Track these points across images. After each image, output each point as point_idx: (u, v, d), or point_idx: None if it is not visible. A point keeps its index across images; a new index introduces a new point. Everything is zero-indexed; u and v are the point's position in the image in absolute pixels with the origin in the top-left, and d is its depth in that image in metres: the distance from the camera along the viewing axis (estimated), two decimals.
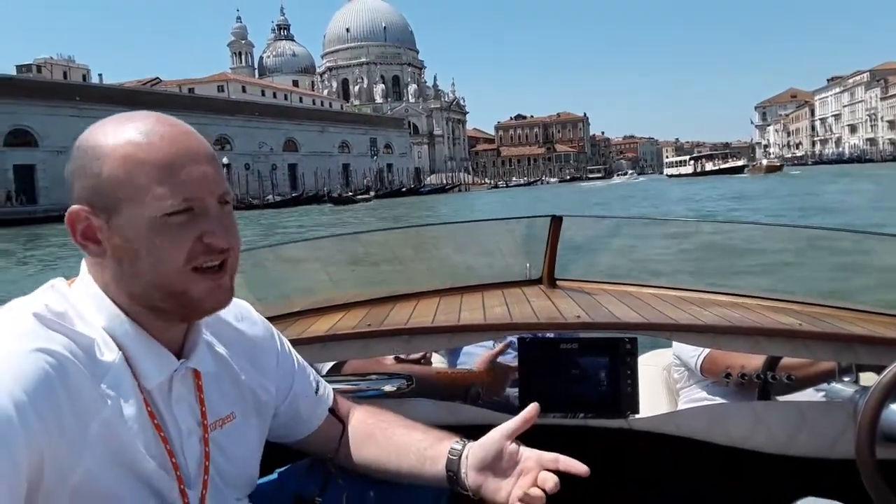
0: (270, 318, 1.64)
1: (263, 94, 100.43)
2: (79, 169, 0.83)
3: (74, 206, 0.83)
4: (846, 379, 1.62)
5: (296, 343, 1.53)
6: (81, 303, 0.86)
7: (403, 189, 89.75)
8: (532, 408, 1.07)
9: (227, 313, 1.03)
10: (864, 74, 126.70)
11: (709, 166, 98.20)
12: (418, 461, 1.11)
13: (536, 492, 0.99)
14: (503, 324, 1.81)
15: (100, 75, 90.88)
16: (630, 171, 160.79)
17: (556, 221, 2.27)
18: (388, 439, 1.16)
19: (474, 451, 1.06)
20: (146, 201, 0.81)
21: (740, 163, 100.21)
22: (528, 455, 1.04)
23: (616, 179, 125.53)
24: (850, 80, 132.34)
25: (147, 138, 0.82)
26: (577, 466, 1.02)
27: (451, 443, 1.10)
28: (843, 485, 1.30)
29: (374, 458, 1.15)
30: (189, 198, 0.82)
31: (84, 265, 0.89)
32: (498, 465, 1.04)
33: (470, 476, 1.05)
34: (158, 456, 0.87)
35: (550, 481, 1.00)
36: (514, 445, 1.05)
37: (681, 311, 1.86)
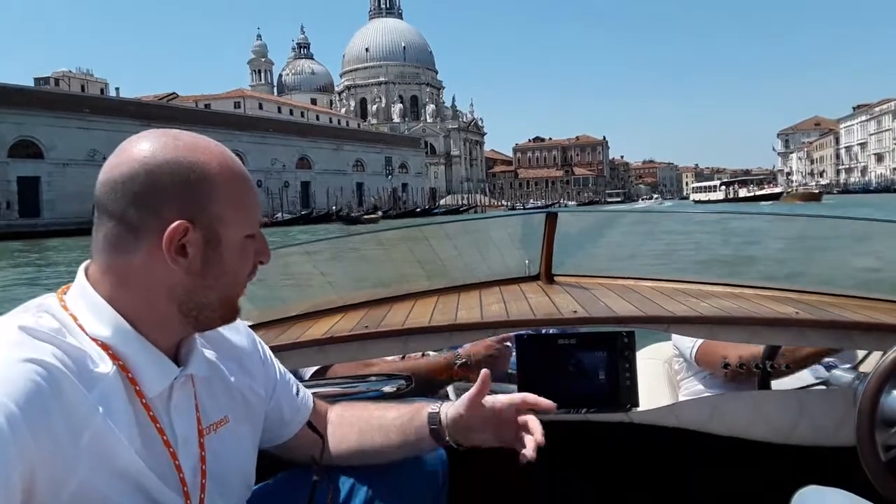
0: (267, 323, 1.89)
1: (280, 112, 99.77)
2: (176, 183, 0.85)
3: (178, 221, 0.85)
4: (845, 366, 1.64)
5: (292, 347, 1.65)
6: (79, 313, 0.86)
7: (417, 210, 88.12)
8: (484, 374, 1.13)
9: None
10: (892, 103, 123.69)
11: (743, 192, 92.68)
12: (401, 434, 1.18)
13: (534, 422, 1.11)
14: (500, 321, 1.82)
15: (117, 89, 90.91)
16: (655, 196, 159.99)
17: (552, 217, 2.30)
18: (368, 422, 1.21)
19: (450, 414, 1.16)
20: (244, 223, 0.90)
21: (778, 189, 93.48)
22: (499, 400, 1.14)
23: (640, 204, 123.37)
24: (878, 109, 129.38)
25: (241, 167, 0.91)
26: (544, 402, 1.12)
27: (428, 409, 1.18)
28: (845, 472, 1.31)
29: (359, 443, 1.20)
30: (258, 222, 0.94)
31: (82, 276, 0.89)
32: (474, 418, 1.14)
33: (451, 431, 1.15)
34: (162, 464, 0.88)
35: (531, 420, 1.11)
36: (486, 399, 1.13)
37: (678, 303, 1.86)
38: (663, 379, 2.25)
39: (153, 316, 0.89)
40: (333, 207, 69.96)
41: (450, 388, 2.10)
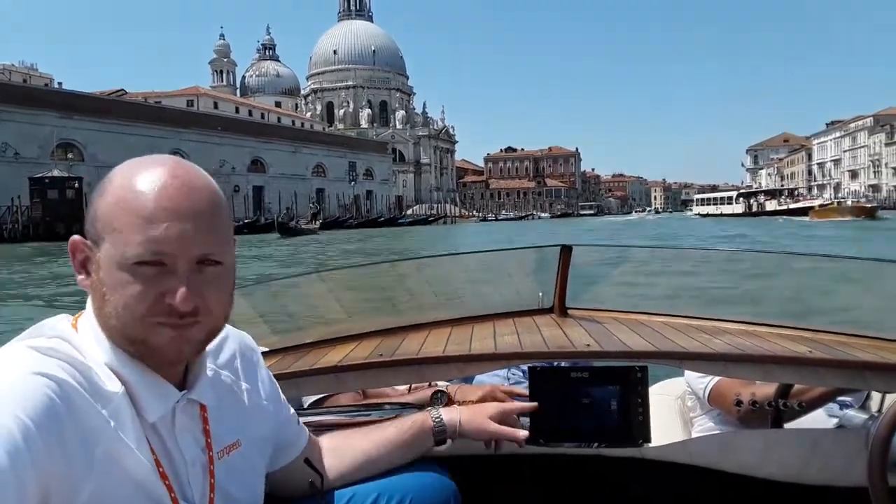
0: (284, 350, 1.96)
1: (238, 112, 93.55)
2: (91, 203, 0.87)
3: (76, 236, 0.87)
4: (858, 406, 1.68)
5: (309, 374, 1.69)
6: (84, 337, 0.88)
7: (380, 219, 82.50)
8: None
9: (232, 341, 1.09)
10: (868, 119, 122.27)
11: (771, 205, 77.31)
12: (406, 447, 1.27)
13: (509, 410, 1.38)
14: (514, 353, 1.84)
15: (59, 83, 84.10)
16: (648, 209, 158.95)
17: (566, 251, 2.33)
18: (371, 446, 1.27)
19: (462, 421, 1.34)
20: (120, 245, 0.83)
21: (816, 202, 73.19)
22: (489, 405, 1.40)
23: (633, 216, 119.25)
24: (853, 125, 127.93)
25: (144, 186, 0.84)
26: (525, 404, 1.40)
27: (430, 417, 1.32)
28: None
29: (362, 459, 1.25)
30: (159, 251, 0.83)
31: (89, 301, 0.90)
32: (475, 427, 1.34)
33: (451, 433, 1.32)
34: (159, 488, 0.88)
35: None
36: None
37: (691, 339, 1.86)
38: (675, 415, 2.23)
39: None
40: (282, 214, 63.33)
41: None
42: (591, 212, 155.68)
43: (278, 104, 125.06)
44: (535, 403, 1.47)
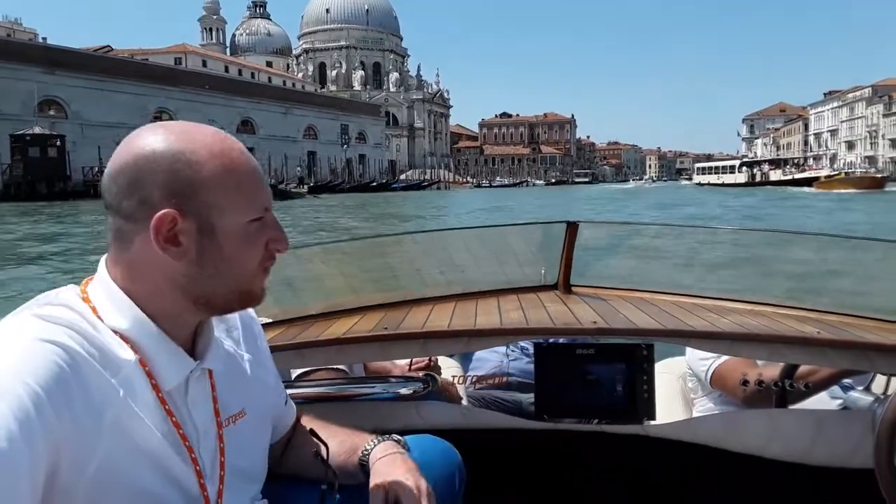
0: (286, 321, 1.96)
1: (227, 72, 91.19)
2: (160, 172, 0.85)
3: (164, 210, 0.85)
4: (863, 388, 1.65)
5: (313, 345, 1.70)
6: (99, 305, 0.88)
7: (373, 183, 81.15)
8: None
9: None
10: (866, 90, 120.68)
11: (776, 175, 73.85)
12: (339, 466, 1.16)
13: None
14: (519, 328, 1.84)
15: (44, 39, 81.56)
16: (645, 177, 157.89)
17: (573, 227, 2.29)
18: (324, 433, 1.19)
19: (375, 467, 1.12)
20: (241, 209, 0.88)
21: (823, 172, 70.43)
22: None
23: (630, 184, 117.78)
24: (850, 95, 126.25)
25: (236, 152, 0.90)
26: None
27: (361, 451, 1.15)
28: (861, 495, 1.34)
29: (305, 468, 1.19)
30: (264, 207, 0.91)
31: (102, 268, 0.91)
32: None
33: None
34: (179, 454, 0.89)
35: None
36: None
37: (698, 318, 1.86)
38: (677, 394, 2.21)
39: (164, 306, 0.90)
40: (270, 177, 61.85)
41: (462, 393, 2.14)
42: (586, 179, 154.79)
43: (269, 64, 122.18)
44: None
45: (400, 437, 1.18)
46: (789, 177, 71.68)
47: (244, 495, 1.02)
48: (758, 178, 77.13)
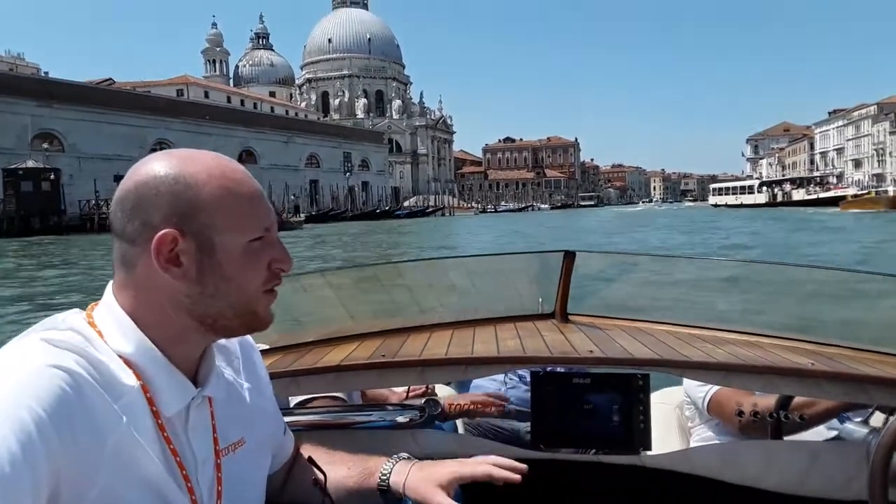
0: (283, 348, 1.96)
1: (229, 102, 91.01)
2: (162, 195, 0.87)
3: (164, 230, 0.86)
4: (858, 419, 1.66)
5: (310, 372, 1.71)
6: (105, 329, 0.89)
7: (377, 211, 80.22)
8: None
9: (233, 339, 1.09)
10: (871, 107, 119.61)
11: (799, 195, 71.10)
12: (349, 493, 1.16)
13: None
14: (517, 357, 1.85)
15: (45, 73, 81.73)
16: (654, 199, 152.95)
17: (570, 256, 2.32)
18: (327, 461, 1.20)
19: (408, 484, 1.11)
20: (240, 229, 0.89)
21: (849, 191, 65.62)
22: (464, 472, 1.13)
23: (640, 206, 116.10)
24: (856, 113, 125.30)
25: (237, 174, 0.91)
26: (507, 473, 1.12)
27: (378, 475, 1.14)
28: None
29: (314, 495, 1.18)
30: (265, 227, 0.91)
31: (109, 293, 0.92)
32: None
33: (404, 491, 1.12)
34: (176, 482, 0.89)
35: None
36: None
37: (693, 349, 1.87)
38: (674, 424, 2.23)
39: (170, 329, 0.90)
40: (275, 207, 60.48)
41: (458, 422, 2.14)
42: (592, 202, 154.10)
43: (272, 94, 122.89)
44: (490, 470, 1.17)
45: (409, 455, 1.17)
46: (813, 196, 68.67)
47: None
48: (779, 198, 74.32)
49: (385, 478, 1.13)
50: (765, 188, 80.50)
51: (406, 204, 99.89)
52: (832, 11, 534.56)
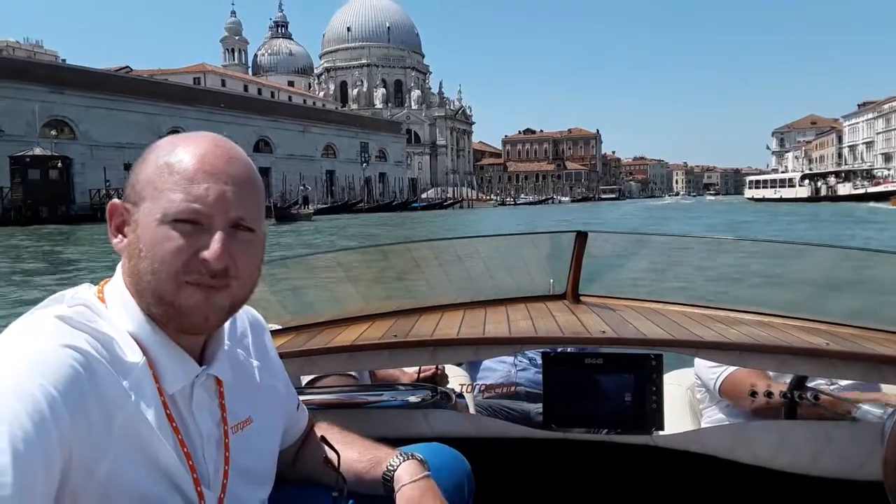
0: (296, 328, 1.98)
1: (246, 91, 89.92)
2: (132, 171, 0.90)
3: (115, 200, 0.89)
4: (874, 400, 1.66)
5: (323, 352, 1.72)
6: (111, 304, 0.89)
7: (393, 202, 78.70)
8: None
9: (243, 318, 1.10)
10: None
11: (844, 189, 65.28)
12: (357, 477, 1.15)
13: None
14: (528, 337, 1.84)
15: (63, 60, 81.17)
16: (682, 192, 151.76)
17: (582, 237, 2.30)
18: (340, 441, 1.20)
19: (405, 493, 1.09)
20: (159, 203, 0.85)
21: None
22: None
23: (667, 199, 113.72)
24: (886, 106, 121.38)
25: (187, 152, 0.88)
26: None
27: (385, 466, 1.13)
28: None
29: (324, 472, 1.17)
30: (198, 210, 0.85)
31: (118, 269, 0.92)
32: None
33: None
34: (178, 458, 0.89)
35: None
36: None
37: (707, 329, 1.86)
38: (685, 405, 2.22)
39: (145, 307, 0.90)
40: (275, 197, 59.06)
41: (469, 402, 2.15)
42: (613, 196, 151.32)
43: (291, 83, 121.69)
44: None
45: (423, 458, 1.15)
46: (861, 190, 63.46)
47: (251, 502, 1.02)
48: (823, 192, 69.53)
49: (390, 473, 1.12)
50: (807, 181, 75.01)
51: (424, 196, 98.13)
52: (860, 2, 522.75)
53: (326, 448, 1.16)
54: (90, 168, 51.49)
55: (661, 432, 1.73)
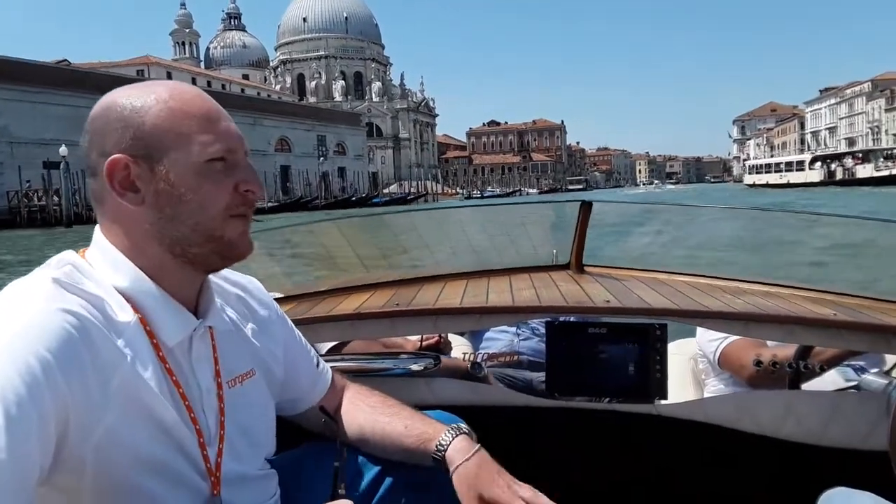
0: (298, 296, 1.99)
1: (195, 83, 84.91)
2: (112, 123, 0.87)
3: (115, 156, 0.86)
4: (876, 370, 1.67)
5: (324, 321, 1.71)
6: (98, 267, 0.89)
7: (353, 198, 74.77)
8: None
9: (230, 281, 1.10)
10: (865, 84, 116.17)
11: (864, 171, 58.79)
12: (404, 450, 1.14)
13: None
14: (531, 306, 1.83)
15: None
16: (655, 182, 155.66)
17: (586, 207, 2.28)
18: (376, 423, 1.19)
19: (460, 472, 1.07)
20: (191, 148, 0.87)
21: None
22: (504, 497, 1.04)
23: (640, 189, 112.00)
24: (848, 91, 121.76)
25: (187, 95, 0.90)
26: None
27: (436, 443, 1.11)
28: (875, 476, 1.32)
29: (364, 436, 1.19)
30: (228, 148, 0.89)
31: (98, 232, 0.92)
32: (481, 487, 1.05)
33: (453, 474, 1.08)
34: (178, 413, 0.89)
35: None
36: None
37: (712, 299, 1.85)
38: (688, 375, 2.22)
39: (150, 261, 0.89)
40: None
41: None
42: (580, 186, 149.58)
43: (246, 77, 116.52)
44: None
45: (469, 429, 1.14)
46: (885, 172, 56.49)
47: (250, 461, 1.02)
48: (838, 176, 63.43)
49: (441, 453, 1.09)
50: (818, 163, 68.95)
51: (386, 191, 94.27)
52: None
53: (326, 418, 1.17)
54: (10, 168, 46.35)
55: (664, 401, 1.72)
